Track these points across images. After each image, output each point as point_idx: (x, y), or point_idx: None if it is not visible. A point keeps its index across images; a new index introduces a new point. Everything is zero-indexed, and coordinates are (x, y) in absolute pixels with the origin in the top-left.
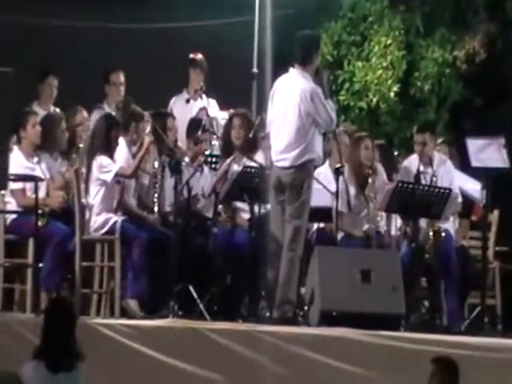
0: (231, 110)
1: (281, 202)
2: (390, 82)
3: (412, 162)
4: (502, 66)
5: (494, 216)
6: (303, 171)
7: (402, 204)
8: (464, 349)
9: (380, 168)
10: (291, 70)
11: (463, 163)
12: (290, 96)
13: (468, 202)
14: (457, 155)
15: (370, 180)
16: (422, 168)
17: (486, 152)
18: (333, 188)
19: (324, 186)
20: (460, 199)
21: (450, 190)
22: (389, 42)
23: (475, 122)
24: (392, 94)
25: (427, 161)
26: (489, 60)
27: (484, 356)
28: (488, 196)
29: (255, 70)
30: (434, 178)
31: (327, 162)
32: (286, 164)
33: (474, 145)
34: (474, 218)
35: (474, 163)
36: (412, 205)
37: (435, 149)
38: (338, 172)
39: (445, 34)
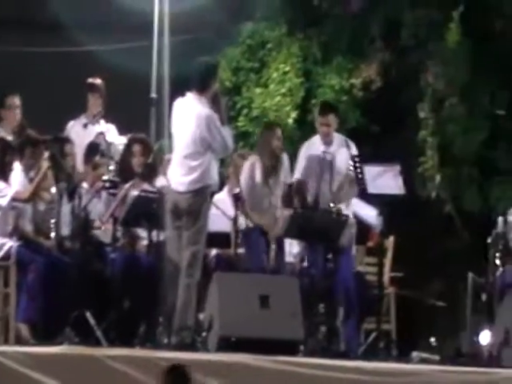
0: (129, 135)
1: (178, 227)
2: (288, 108)
3: (313, 144)
4: (397, 94)
5: (390, 242)
6: (200, 196)
7: (299, 229)
8: (360, 374)
9: (286, 160)
10: (188, 94)
11: (360, 190)
12: (186, 121)
13: (364, 228)
14: (354, 181)
15: (276, 170)
16: (324, 148)
17: (382, 179)
18: (231, 213)
19: (222, 212)
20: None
21: (347, 216)
22: (287, 68)
23: (372, 149)
24: (290, 121)
25: (330, 141)
26: (384, 88)
27: (380, 381)
28: (384, 222)
29: (154, 95)
30: (335, 158)
31: (225, 188)
32: (183, 189)
33: (370, 171)
34: (370, 243)
35: (371, 190)
36: (309, 230)
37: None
38: (236, 197)
39: (341, 62)
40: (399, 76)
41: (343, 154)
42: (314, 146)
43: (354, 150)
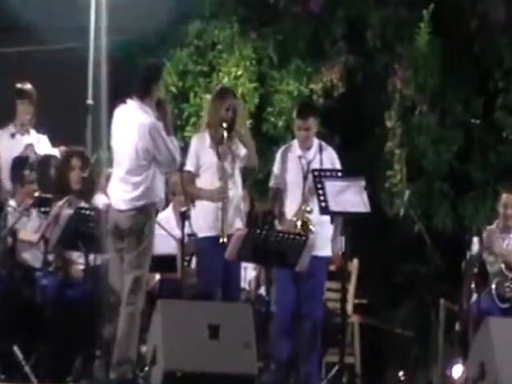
0: (63, 148)
1: (119, 249)
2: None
3: (290, 149)
4: (361, 101)
5: (354, 265)
6: (143, 215)
7: (254, 252)
8: None
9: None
10: (129, 102)
11: (321, 207)
12: (127, 131)
13: None
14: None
15: (224, 139)
16: (300, 153)
17: (345, 195)
18: (177, 234)
19: (168, 232)
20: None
21: (307, 236)
22: (239, 72)
23: None
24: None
25: (309, 146)
26: (348, 94)
27: None
28: (347, 243)
29: (90, 101)
30: (315, 164)
31: (171, 205)
32: (124, 207)
33: (332, 187)
34: (331, 267)
35: (333, 207)
36: (266, 252)
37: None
38: (183, 216)
39: (300, 66)
40: (364, 81)
41: (323, 158)
42: (290, 152)
43: (337, 162)
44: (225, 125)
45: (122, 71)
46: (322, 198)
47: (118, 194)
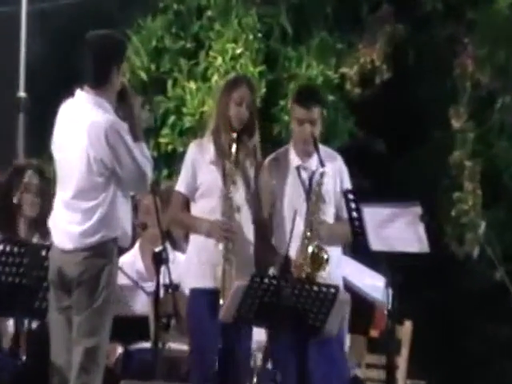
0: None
1: (65, 308)
2: None
3: (282, 157)
4: (415, 90)
5: (406, 330)
6: (99, 257)
7: (260, 311)
8: None
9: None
10: (79, 93)
11: (356, 244)
12: (74, 135)
13: (364, 307)
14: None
15: (233, 149)
16: (299, 161)
17: (392, 228)
18: (149, 285)
19: (135, 282)
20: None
21: (337, 288)
22: (238, 50)
23: (375, 178)
24: None
25: (310, 150)
26: (395, 81)
27: None
28: (395, 298)
29: (22, 94)
30: (319, 177)
31: (137, 244)
32: (71, 246)
33: (373, 215)
34: (373, 333)
35: (375, 245)
36: (276, 312)
37: None
38: (158, 259)
39: (326, 40)
40: (419, 62)
41: (330, 171)
42: (283, 161)
43: (346, 177)
44: (234, 135)
45: (65, 49)
46: (358, 231)
47: (61, 226)
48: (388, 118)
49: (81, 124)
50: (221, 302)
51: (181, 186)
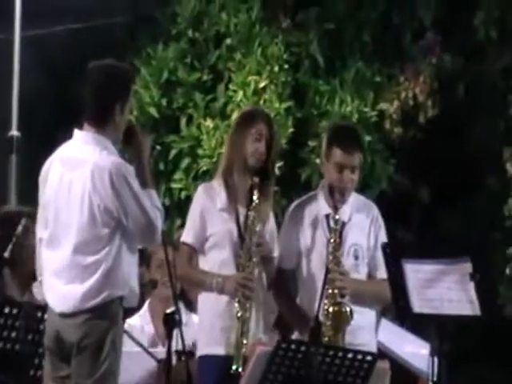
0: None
1: (63, 378)
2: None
3: (309, 205)
4: (465, 130)
5: None
6: (103, 319)
7: (285, 382)
8: None
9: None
10: (77, 133)
11: (397, 305)
12: (74, 181)
13: (406, 377)
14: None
15: (255, 196)
16: (328, 209)
17: (438, 287)
18: (160, 351)
19: (143, 348)
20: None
21: (374, 355)
22: (262, 84)
23: (418, 230)
24: None
25: (343, 199)
26: (442, 120)
27: None
28: (442, 368)
29: (15, 132)
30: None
31: (147, 304)
32: (70, 308)
33: (416, 273)
34: None
35: (418, 307)
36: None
37: None
38: (169, 322)
39: (363, 72)
40: (470, 97)
41: (363, 222)
42: (310, 208)
43: (383, 231)
44: (256, 179)
45: (64, 81)
46: (399, 292)
47: (58, 287)
48: (433, 163)
49: (82, 168)
50: (233, 367)
51: (187, 236)
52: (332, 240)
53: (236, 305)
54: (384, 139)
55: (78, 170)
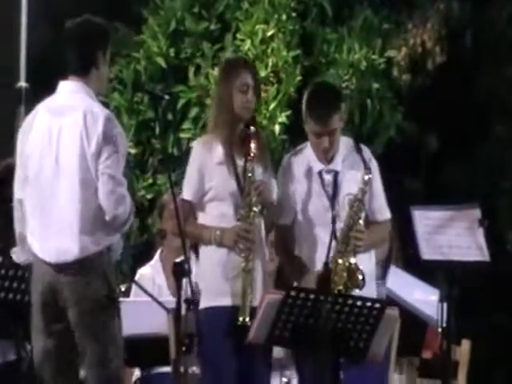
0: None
1: (58, 334)
2: (272, 105)
3: (301, 159)
4: (474, 77)
5: (464, 350)
6: (95, 270)
7: (296, 330)
8: None
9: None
10: (62, 83)
11: (406, 253)
12: (62, 126)
13: (415, 325)
14: (395, 238)
15: (252, 145)
16: (320, 166)
17: (447, 234)
18: (170, 301)
19: (154, 299)
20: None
21: (383, 302)
22: (270, 32)
23: (426, 178)
24: (277, 127)
25: (332, 155)
26: (451, 67)
27: None
28: (451, 314)
29: (23, 84)
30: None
31: (157, 255)
32: (68, 257)
33: (425, 220)
34: (426, 354)
35: (427, 254)
36: (315, 333)
37: None
38: (179, 271)
39: (371, 19)
40: (478, 44)
41: (355, 169)
42: (303, 164)
43: (376, 172)
44: (252, 129)
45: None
46: (407, 239)
47: (50, 239)
48: (442, 110)
49: (73, 113)
50: (240, 319)
51: (186, 193)
52: (355, 198)
53: (242, 258)
54: (392, 86)
55: (69, 116)
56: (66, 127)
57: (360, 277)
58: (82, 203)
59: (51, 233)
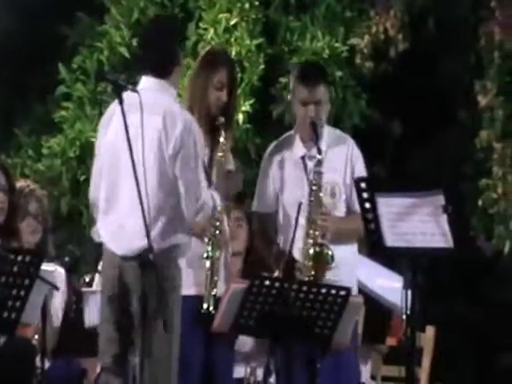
0: None
1: (121, 321)
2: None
3: (285, 145)
4: (435, 63)
5: (428, 338)
6: (167, 261)
7: (261, 319)
8: None
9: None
10: (145, 79)
11: (370, 240)
12: (142, 124)
13: (379, 312)
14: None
15: (221, 136)
16: (304, 150)
17: (411, 221)
18: None
19: None
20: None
21: (348, 289)
22: (233, 21)
23: (390, 165)
24: (241, 117)
25: (317, 136)
26: (413, 54)
27: None
28: (416, 301)
29: None
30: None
31: None
32: (137, 251)
33: (389, 207)
34: (390, 341)
35: (391, 241)
36: (281, 320)
37: None
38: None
39: (334, 7)
40: (440, 30)
41: (338, 158)
42: (286, 150)
43: (360, 165)
44: (221, 119)
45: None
46: (372, 226)
47: (121, 230)
48: (405, 97)
49: (153, 111)
50: (204, 306)
51: None
52: (313, 180)
53: (203, 245)
54: (355, 74)
55: (149, 115)
56: (145, 126)
57: (329, 252)
58: (158, 203)
59: (123, 228)
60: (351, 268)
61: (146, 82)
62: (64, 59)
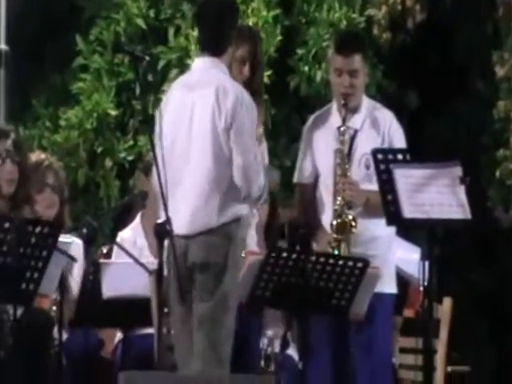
0: None
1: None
2: None
3: (323, 118)
4: (453, 35)
5: (445, 310)
6: (226, 238)
7: (278, 290)
8: None
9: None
10: (197, 60)
11: (387, 211)
12: (195, 101)
13: (398, 284)
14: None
15: None
16: (340, 121)
17: (428, 192)
18: (152, 262)
19: (135, 260)
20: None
21: (366, 261)
22: None
23: (407, 135)
24: None
25: (354, 107)
26: (430, 25)
27: None
28: (433, 272)
29: (3, 46)
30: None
31: (138, 217)
32: (198, 228)
33: (406, 178)
34: (408, 312)
35: (408, 212)
36: (297, 292)
37: None
38: (159, 231)
39: None
40: (456, 1)
41: (375, 130)
42: (325, 121)
43: (397, 139)
44: None
45: None
46: (389, 197)
47: (182, 211)
48: (422, 68)
49: (205, 87)
50: None
51: None
52: (339, 151)
53: None
54: (372, 45)
55: (202, 91)
56: (198, 102)
57: (349, 217)
58: (215, 177)
59: (182, 207)
60: (387, 243)
61: (201, 61)
62: (81, 31)
